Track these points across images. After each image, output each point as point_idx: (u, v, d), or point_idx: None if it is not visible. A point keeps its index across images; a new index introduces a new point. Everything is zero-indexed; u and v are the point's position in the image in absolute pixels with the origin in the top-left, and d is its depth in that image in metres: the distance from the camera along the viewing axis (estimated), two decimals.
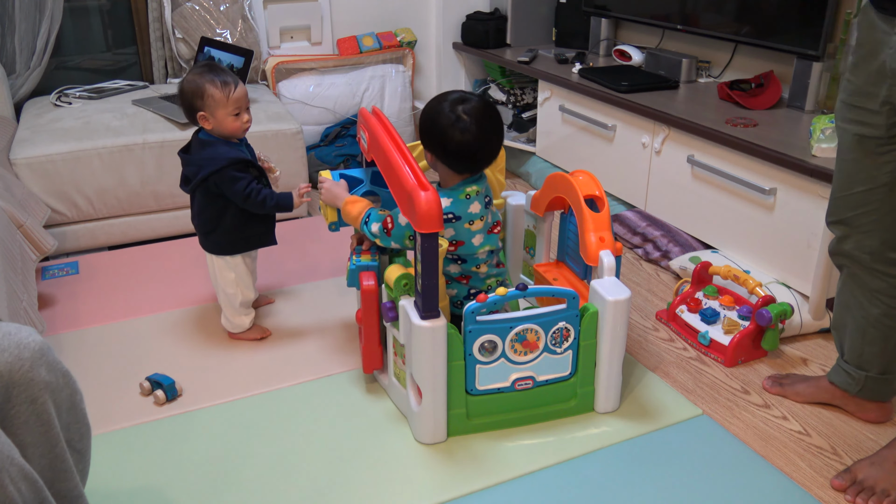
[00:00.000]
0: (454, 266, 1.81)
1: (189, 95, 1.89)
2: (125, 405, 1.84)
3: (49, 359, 1.17)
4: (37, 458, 1.15)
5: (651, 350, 2.09)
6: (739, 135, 2.23)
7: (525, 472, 1.62)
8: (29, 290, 2.01)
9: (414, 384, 1.68)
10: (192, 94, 1.88)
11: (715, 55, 2.87)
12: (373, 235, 1.75)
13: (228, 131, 1.92)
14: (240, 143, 1.99)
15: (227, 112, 1.89)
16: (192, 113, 1.91)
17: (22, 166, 2.46)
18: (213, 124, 1.90)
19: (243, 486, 1.59)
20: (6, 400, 1.11)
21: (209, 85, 1.87)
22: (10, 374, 1.11)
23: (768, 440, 1.74)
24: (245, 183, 1.90)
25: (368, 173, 1.97)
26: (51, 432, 1.16)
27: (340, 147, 3.27)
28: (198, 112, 1.89)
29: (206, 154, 1.91)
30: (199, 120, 1.91)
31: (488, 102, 1.73)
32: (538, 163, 3.25)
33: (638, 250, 2.65)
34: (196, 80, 1.88)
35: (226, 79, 1.89)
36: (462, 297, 1.84)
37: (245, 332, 2.10)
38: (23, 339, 1.14)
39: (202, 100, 1.88)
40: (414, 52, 3.54)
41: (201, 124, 1.92)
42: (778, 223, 2.16)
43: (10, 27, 2.91)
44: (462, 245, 1.75)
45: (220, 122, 1.90)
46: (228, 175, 1.89)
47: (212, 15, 3.10)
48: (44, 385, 1.14)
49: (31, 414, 1.13)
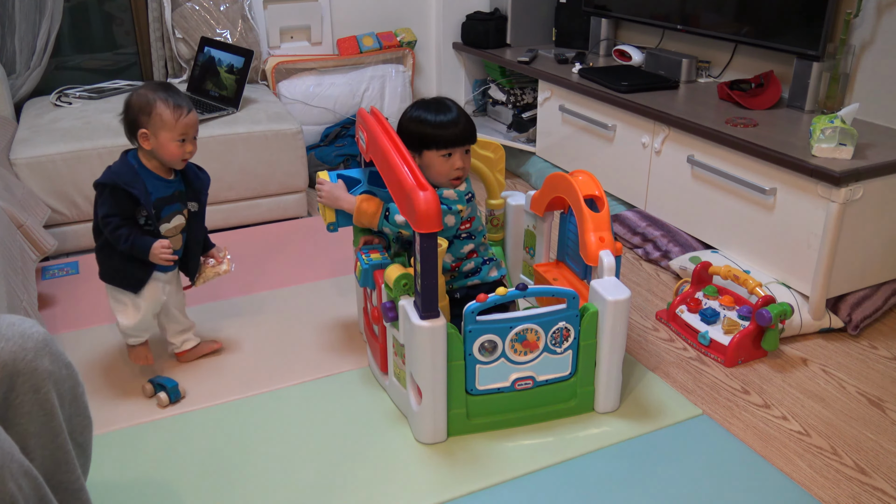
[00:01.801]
0: (469, 245, 1.87)
1: (135, 109, 1.73)
2: (126, 405, 1.84)
3: (52, 349, 1.17)
4: (39, 449, 1.16)
5: (651, 350, 2.09)
6: (739, 135, 2.23)
7: (525, 472, 1.62)
8: (29, 290, 2.01)
9: (414, 384, 1.68)
10: (139, 109, 1.72)
11: (715, 55, 2.87)
12: (397, 227, 1.77)
13: (168, 157, 1.75)
14: (173, 179, 1.82)
15: (172, 136, 1.73)
16: (133, 129, 1.74)
17: (22, 166, 2.46)
18: (154, 146, 1.74)
19: (244, 486, 1.59)
20: (10, 389, 1.12)
21: (160, 103, 1.72)
22: (14, 364, 1.11)
23: (768, 440, 1.74)
24: (106, 210, 1.73)
25: (366, 173, 1.97)
26: (53, 422, 1.17)
27: (340, 147, 3.27)
28: (140, 129, 1.73)
29: (113, 166, 1.77)
30: (139, 138, 1.74)
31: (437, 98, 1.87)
32: (538, 163, 3.25)
33: (638, 250, 2.65)
34: (147, 94, 1.73)
35: (179, 102, 1.74)
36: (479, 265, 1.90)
37: (133, 350, 1.94)
38: (26, 329, 1.15)
39: (148, 116, 1.72)
40: (414, 52, 3.55)
41: (141, 143, 1.75)
42: (778, 223, 2.16)
43: (10, 27, 2.91)
44: (474, 220, 1.86)
45: (162, 146, 1.73)
46: (103, 192, 1.73)
47: (212, 15, 3.10)
48: (47, 375, 1.15)
49: (35, 404, 1.14)
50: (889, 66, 2.28)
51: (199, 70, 2.98)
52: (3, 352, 1.11)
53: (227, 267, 1.95)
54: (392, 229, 1.79)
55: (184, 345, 1.99)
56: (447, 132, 1.76)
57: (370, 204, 1.81)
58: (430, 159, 1.78)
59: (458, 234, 1.85)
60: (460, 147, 1.78)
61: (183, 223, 1.85)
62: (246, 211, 2.83)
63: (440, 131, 1.76)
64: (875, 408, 1.85)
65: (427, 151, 1.78)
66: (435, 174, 1.79)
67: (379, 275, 1.76)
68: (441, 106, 1.81)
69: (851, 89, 2.40)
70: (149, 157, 1.78)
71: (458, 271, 1.88)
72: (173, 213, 1.82)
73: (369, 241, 1.89)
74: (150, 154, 1.77)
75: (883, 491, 1.59)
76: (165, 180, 1.80)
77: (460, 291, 1.87)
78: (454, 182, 1.80)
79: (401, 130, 1.82)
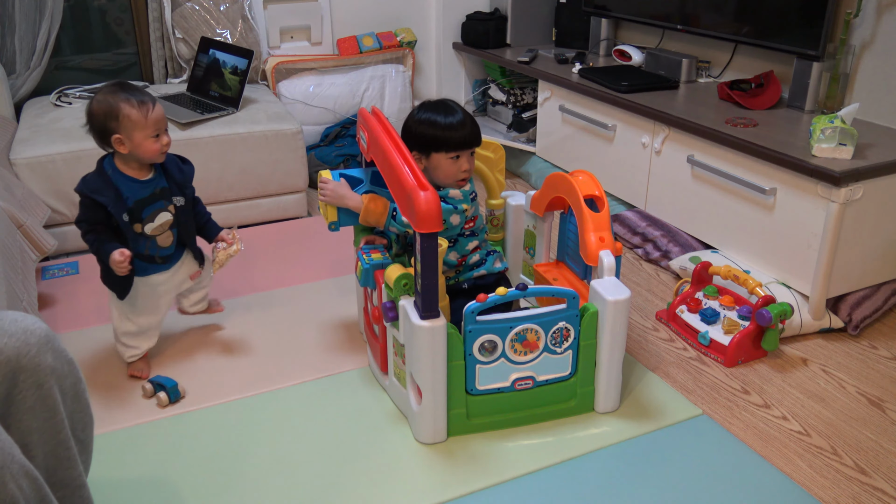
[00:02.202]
0: (473, 242, 1.90)
1: (101, 117, 1.69)
2: (126, 406, 1.84)
3: (55, 345, 1.18)
4: (41, 446, 1.16)
5: (651, 350, 2.09)
6: (739, 135, 2.23)
7: (525, 472, 1.62)
8: (29, 290, 2.01)
9: (414, 384, 1.68)
10: (106, 116, 1.69)
11: (715, 55, 2.87)
12: (404, 226, 1.79)
13: (147, 155, 1.74)
14: (151, 178, 1.80)
15: (146, 134, 1.71)
16: (104, 136, 1.71)
17: (22, 166, 2.46)
18: (130, 148, 1.72)
19: (243, 486, 1.59)
20: (13, 385, 1.12)
21: (125, 104, 1.68)
22: (17, 359, 1.12)
23: (768, 440, 1.74)
24: (78, 216, 1.74)
25: (368, 173, 1.97)
26: (55, 418, 1.17)
27: (340, 147, 3.27)
28: (112, 135, 1.70)
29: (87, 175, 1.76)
30: (114, 143, 1.71)
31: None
32: (538, 163, 3.25)
33: (638, 250, 2.65)
34: (109, 99, 1.69)
35: (142, 98, 1.71)
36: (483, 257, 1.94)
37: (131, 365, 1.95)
38: (29, 325, 1.15)
39: (117, 121, 1.68)
40: (414, 52, 3.55)
41: (116, 148, 1.72)
42: (778, 223, 2.16)
43: (10, 27, 2.91)
44: (478, 219, 1.90)
45: (138, 146, 1.71)
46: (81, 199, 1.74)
47: (212, 15, 3.10)
48: (50, 370, 1.15)
49: (37, 399, 1.14)
50: (889, 66, 2.28)
51: (202, 71, 2.98)
52: (6, 348, 1.11)
53: (238, 246, 1.93)
54: (399, 229, 1.80)
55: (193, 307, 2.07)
56: (456, 134, 1.79)
57: (377, 203, 1.81)
58: (439, 161, 1.81)
59: (462, 233, 1.87)
60: (467, 149, 1.82)
61: (170, 219, 1.84)
62: (246, 211, 2.83)
63: (449, 133, 1.79)
64: (875, 408, 1.85)
65: (435, 154, 1.81)
66: (442, 175, 1.82)
67: (380, 275, 1.76)
68: (448, 108, 1.83)
69: (851, 89, 2.40)
70: (126, 160, 1.76)
71: (465, 265, 1.91)
72: (155, 211, 1.81)
73: (371, 240, 1.90)
74: (127, 157, 1.76)
75: (883, 491, 1.59)
76: (142, 181, 1.78)
77: (468, 282, 1.91)
78: (460, 183, 1.84)
79: (408, 132, 1.84)
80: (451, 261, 1.89)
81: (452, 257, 1.89)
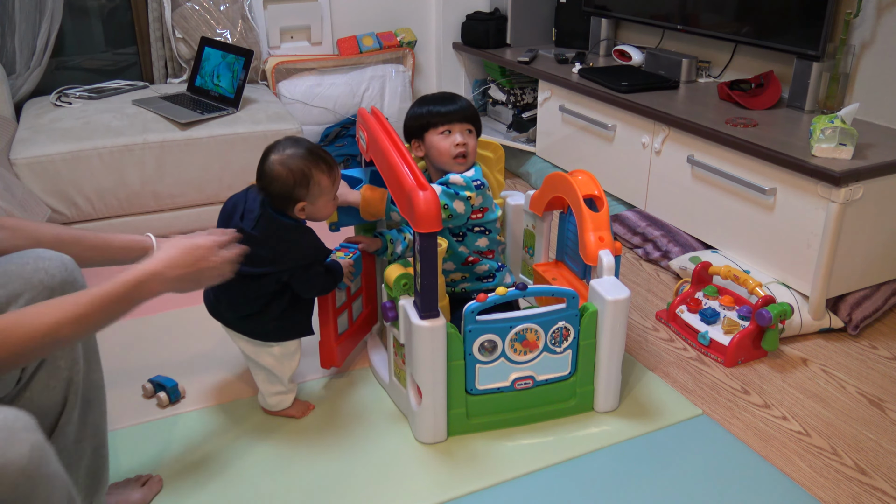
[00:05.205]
0: (483, 239, 1.89)
1: (291, 184, 1.56)
2: (126, 406, 1.83)
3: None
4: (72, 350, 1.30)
5: (651, 350, 2.09)
6: (739, 135, 2.23)
7: (525, 472, 1.62)
8: None
9: (414, 384, 1.68)
10: (297, 183, 1.56)
11: (715, 55, 2.87)
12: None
13: (322, 217, 1.66)
14: None
15: (329, 198, 1.63)
16: (287, 201, 1.58)
17: (22, 166, 2.46)
18: (309, 213, 1.62)
19: (243, 486, 1.59)
20: None
21: (318, 172, 1.57)
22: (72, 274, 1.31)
23: (768, 440, 1.74)
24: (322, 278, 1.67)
25: (367, 173, 1.97)
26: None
27: (340, 147, 3.27)
28: (298, 202, 1.58)
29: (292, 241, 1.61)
30: (295, 211, 1.60)
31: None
32: (538, 163, 3.25)
33: (638, 250, 2.65)
34: (301, 165, 1.56)
35: (329, 160, 1.61)
36: (494, 271, 1.93)
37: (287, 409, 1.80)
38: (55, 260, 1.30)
39: (306, 189, 1.57)
40: (414, 52, 3.55)
41: (296, 215, 1.61)
42: (778, 223, 2.16)
43: (10, 27, 2.91)
44: (487, 211, 1.86)
45: (318, 211, 1.62)
46: (315, 271, 1.63)
47: (212, 15, 3.10)
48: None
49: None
50: (889, 66, 2.28)
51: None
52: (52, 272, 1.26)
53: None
54: (399, 215, 1.80)
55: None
56: (444, 109, 1.84)
57: (374, 192, 1.82)
58: (431, 140, 1.84)
59: (470, 227, 1.86)
60: (458, 123, 1.83)
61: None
62: None
63: (438, 108, 1.84)
64: (875, 408, 1.85)
65: (427, 134, 1.84)
66: (437, 155, 1.84)
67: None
68: (443, 94, 1.89)
69: (851, 89, 2.40)
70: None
71: (472, 272, 1.89)
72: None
73: (354, 241, 1.89)
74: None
75: (883, 491, 1.59)
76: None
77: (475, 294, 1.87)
78: (458, 161, 1.83)
79: (406, 124, 1.89)
80: (462, 255, 1.89)
81: (463, 251, 1.89)
